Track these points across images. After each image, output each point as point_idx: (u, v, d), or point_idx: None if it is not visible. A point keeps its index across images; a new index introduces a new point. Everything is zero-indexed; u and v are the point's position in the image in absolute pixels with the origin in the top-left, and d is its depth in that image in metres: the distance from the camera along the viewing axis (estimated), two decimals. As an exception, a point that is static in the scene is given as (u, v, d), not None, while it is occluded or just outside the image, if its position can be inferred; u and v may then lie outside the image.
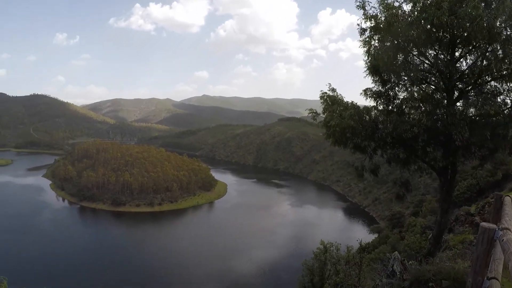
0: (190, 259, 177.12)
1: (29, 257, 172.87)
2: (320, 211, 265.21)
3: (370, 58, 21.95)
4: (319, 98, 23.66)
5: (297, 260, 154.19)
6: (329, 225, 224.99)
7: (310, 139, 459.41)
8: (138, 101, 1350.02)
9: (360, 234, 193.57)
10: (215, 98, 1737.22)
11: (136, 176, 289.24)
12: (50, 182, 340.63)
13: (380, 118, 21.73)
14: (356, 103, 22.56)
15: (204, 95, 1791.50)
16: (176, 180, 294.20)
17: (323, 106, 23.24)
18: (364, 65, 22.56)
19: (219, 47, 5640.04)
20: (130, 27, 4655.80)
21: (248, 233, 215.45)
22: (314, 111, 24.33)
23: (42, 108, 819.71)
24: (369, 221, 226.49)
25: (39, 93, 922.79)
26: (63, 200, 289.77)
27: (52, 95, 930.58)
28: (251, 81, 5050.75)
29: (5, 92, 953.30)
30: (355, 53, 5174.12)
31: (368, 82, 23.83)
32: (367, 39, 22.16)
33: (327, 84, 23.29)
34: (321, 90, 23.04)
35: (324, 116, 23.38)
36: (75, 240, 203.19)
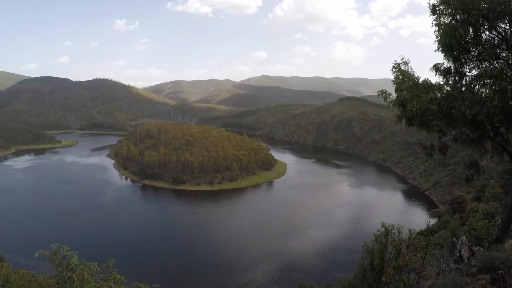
0: (248, 237, 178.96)
1: (96, 234, 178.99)
2: (379, 192, 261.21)
3: (440, 35, 20.85)
4: (391, 74, 22.59)
5: (355, 242, 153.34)
6: (388, 208, 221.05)
7: (370, 119, 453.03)
8: (198, 83, 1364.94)
9: (420, 218, 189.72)
10: (274, 78, 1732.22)
11: (196, 156, 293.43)
12: (113, 161, 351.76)
13: (454, 96, 20.64)
14: (429, 80, 21.44)
15: (263, 75, 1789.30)
16: (236, 159, 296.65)
17: (395, 81, 22.15)
18: (433, 42, 21.48)
19: (277, 27, 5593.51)
20: (187, 11, 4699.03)
21: (306, 212, 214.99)
22: (385, 91, 23.25)
23: (104, 92, 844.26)
24: (429, 205, 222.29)
25: (101, 78, 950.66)
26: (126, 178, 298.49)
27: (114, 79, 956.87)
28: (310, 61, 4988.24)
29: (69, 78, 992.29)
30: (416, 31, 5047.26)
31: (433, 60, 22.59)
32: (437, 14, 21.05)
33: (400, 56, 22.16)
34: (395, 61, 21.93)
35: (397, 94, 22.29)
36: (138, 217, 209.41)
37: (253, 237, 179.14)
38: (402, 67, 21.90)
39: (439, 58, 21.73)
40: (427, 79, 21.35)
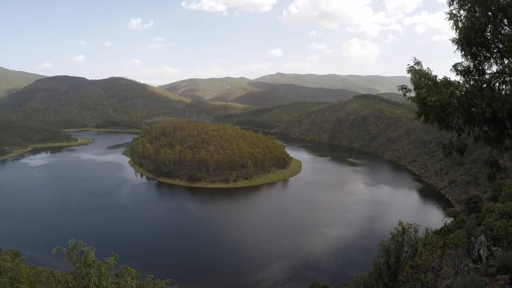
0: (263, 235, 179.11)
1: (112, 231, 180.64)
2: (395, 191, 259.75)
3: (458, 31, 20.59)
4: (406, 73, 22.37)
5: (370, 240, 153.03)
6: (403, 206, 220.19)
7: (386, 116, 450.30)
8: (213, 81, 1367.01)
9: (435, 217, 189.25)
10: (289, 75, 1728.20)
11: (212, 153, 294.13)
12: (129, 159, 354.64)
13: (473, 94, 20.38)
14: (448, 78, 21.18)
15: (278, 73, 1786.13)
16: (251, 157, 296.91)
17: (412, 80, 21.94)
18: (451, 38, 21.22)
19: (292, 24, 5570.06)
20: (202, 9, 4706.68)
21: (321, 210, 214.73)
22: (405, 86, 23.00)
23: (120, 90, 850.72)
24: (445, 204, 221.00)
25: (116, 76, 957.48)
26: (141, 176, 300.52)
27: (129, 78, 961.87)
28: (325, 58, 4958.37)
29: (84, 76, 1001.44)
30: (431, 27, 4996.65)
31: (449, 57, 22.34)
32: (455, 10, 20.78)
33: (412, 58, 21.97)
34: (408, 64, 21.73)
35: (415, 92, 22.04)
36: (153, 214, 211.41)
37: (267, 235, 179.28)
38: (417, 67, 21.71)
39: (456, 56, 21.49)
40: (446, 76, 21.12)
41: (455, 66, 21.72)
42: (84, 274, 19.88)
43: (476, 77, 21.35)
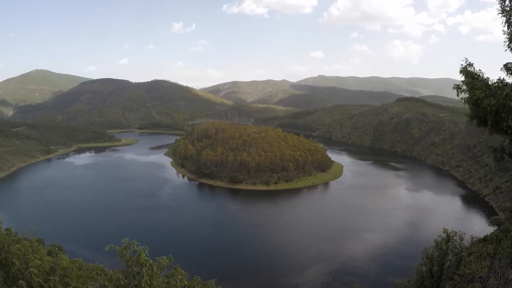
0: (303, 238, 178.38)
1: (153, 230, 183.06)
2: (437, 197, 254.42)
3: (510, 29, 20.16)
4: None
5: (411, 247, 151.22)
6: (445, 213, 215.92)
7: (429, 120, 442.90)
8: (254, 83, 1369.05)
9: (478, 225, 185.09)
10: (331, 78, 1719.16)
11: (253, 155, 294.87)
12: (171, 160, 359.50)
13: None
14: (503, 79, 20.72)
15: (319, 75, 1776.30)
16: (292, 160, 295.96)
17: (465, 82, 21.50)
18: (504, 37, 20.82)
19: (333, 26, 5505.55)
20: (243, 12, 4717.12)
21: (362, 215, 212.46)
22: (460, 86, 22.54)
23: (163, 92, 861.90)
24: (488, 212, 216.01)
25: (159, 79, 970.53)
26: (183, 176, 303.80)
27: (172, 80, 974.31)
28: (367, 60, 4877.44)
29: (128, 79, 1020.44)
30: (475, 27, 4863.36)
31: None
32: (508, 7, 20.36)
33: (464, 59, 21.59)
34: (461, 65, 21.38)
35: (469, 93, 21.56)
36: (195, 215, 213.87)
37: (307, 238, 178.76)
38: (469, 69, 21.36)
39: (504, 56, 21.12)
40: (501, 77, 20.67)
41: (506, 65, 21.24)
42: (135, 273, 20.37)
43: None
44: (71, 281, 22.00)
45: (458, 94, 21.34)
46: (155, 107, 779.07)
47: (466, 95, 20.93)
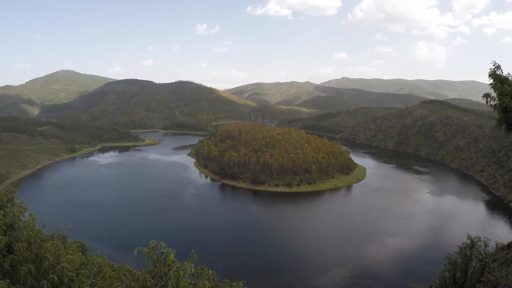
0: (324, 241, 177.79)
1: (176, 230, 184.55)
2: (461, 202, 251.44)
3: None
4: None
5: (433, 252, 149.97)
6: (469, 218, 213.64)
7: (453, 123, 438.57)
8: (278, 85, 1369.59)
9: (503, 231, 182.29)
10: (355, 80, 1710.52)
11: (276, 157, 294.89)
12: (194, 160, 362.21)
13: None
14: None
15: (343, 77, 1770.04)
16: (315, 162, 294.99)
17: (494, 86, 21.39)
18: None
19: (357, 27, 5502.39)
20: (267, 14, 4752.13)
21: (385, 218, 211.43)
22: (489, 94, 22.41)
23: (187, 93, 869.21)
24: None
25: (183, 80, 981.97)
26: (206, 177, 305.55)
27: (196, 81, 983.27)
28: (391, 62, 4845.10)
29: (152, 80, 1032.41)
30: (501, 29, 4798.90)
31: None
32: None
33: (492, 62, 21.52)
34: (490, 68, 21.36)
35: (498, 99, 21.42)
36: (217, 215, 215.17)
37: (329, 241, 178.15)
38: (497, 72, 21.30)
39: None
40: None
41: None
42: (162, 274, 20.83)
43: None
44: (101, 281, 22.49)
45: (487, 102, 21.27)
46: (179, 108, 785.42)
47: (495, 102, 20.86)
